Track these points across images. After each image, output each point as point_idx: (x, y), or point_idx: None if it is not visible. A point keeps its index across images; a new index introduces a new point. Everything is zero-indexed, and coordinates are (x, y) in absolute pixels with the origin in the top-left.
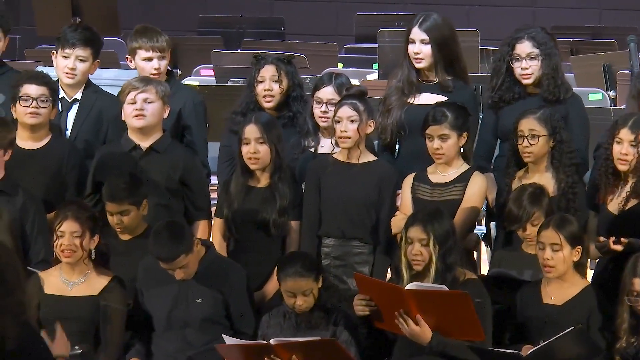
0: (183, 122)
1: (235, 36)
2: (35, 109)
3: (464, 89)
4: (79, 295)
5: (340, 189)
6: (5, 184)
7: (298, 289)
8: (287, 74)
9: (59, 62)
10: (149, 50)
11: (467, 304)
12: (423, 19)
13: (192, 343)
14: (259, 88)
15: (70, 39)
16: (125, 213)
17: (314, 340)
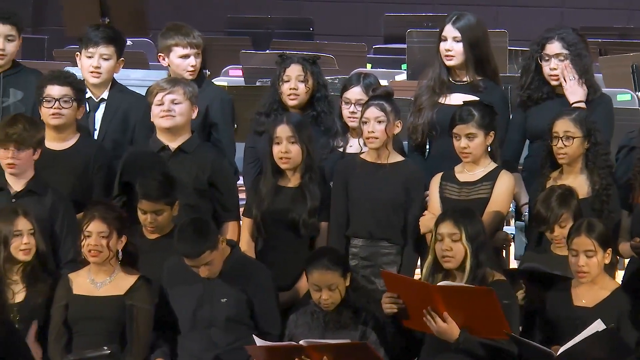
0: (210, 119)
1: (264, 37)
2: (58, 109)
3: (494, 90)
4: (106, 295)
5: (368, 189)
6: (35, 184)
7: (324, 282)
8: (313, 74)
9: (84, 62)
10: (186, 47)
11: (492, 300)
12: (457, 18)
13: (216, 343)
14: (285, 87)
15: (93, 38)
16: (159, 212)
17: (346, 342)
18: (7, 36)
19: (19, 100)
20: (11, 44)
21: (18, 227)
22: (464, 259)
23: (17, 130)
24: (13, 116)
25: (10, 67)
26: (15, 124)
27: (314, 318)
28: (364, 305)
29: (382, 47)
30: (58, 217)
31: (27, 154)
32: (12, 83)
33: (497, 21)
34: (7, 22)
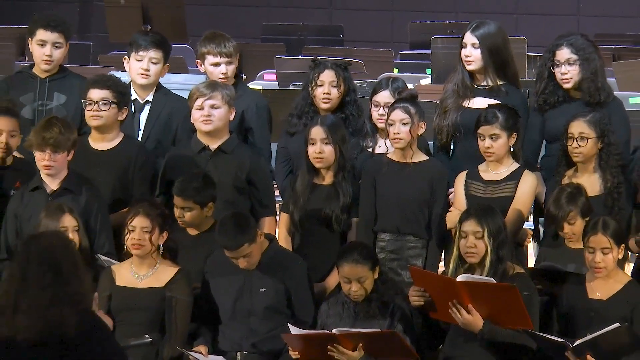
0: (246, 124)
1: (297, 43)
2: (97, 111)
3: (515, 93)
4: (147, 287)
5: (395, 187)
6: (70, 182)
7: (353, 275)
8: (345, 79)
9: (133, 65)
10: (216, 55)
11: (515, 295)
12: (476, 26)
13: (255, 331)
14: (318, 91)
15: (143, 43)
16: (187, 209)
17: (376, 331)
18: (54, 43)
19: (62, 104)
20: (58, 50)
21: (64, 223)
22: (485, 255)
23: (53, 135)
24: (48, 119)
25: (56, 72)
26: (51, 127)
27: (345, 308)
28: (391, 296)
29: (408, 52)
30: (92, 213)
31: (62, 156)
32: (57, 87)
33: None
34: (56, 30)
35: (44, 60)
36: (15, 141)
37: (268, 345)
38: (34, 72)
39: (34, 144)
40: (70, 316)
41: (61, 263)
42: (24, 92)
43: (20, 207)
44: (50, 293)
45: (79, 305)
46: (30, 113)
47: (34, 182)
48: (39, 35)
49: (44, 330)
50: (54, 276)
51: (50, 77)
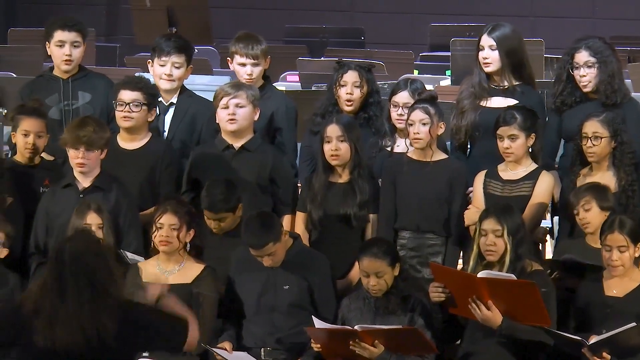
0: (275, 124)
1: (319, 45)
2: (128, 113)
3: (532, 94)
4: (174, 283)
5: (415, 185)
6: (101, 180)
7: (372, 269)
8: (368, 80)
9: (156, 69)
10: (243, 56)
11: (534, 292)
12: (492, 28)
13: (279, 327)
14: (341, 92)
15: (166, 48)
16: (222, 220)
17: (397, 328)
18: (73, 42)
19: (87, 102)
20: (77, 50)
21: (87, 220)
22: (504, 252)
23: (87, 133)
24: (82, 118)
25: (77, 71)
26: (85, 126)
27: (366, 303)
28: (411, 292)
29: (428, 54)
30: (122, 211)
31: (95, 155)
32: (80, 87)
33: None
34: (73, 30)
35: (64, 61)
36: (43, 142)
37: (291, 342)
38: (55, 74)
39: (68, 142)
40: (109, 325)
41: (96, 273)
42: (49, 94)
43: (52, 203)
44: (89, 308)
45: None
46: (57, 114)
47: (66, 180)
48: (57, 36)
49: (83, 342)
50: (91, 290)
51: (72, 77)
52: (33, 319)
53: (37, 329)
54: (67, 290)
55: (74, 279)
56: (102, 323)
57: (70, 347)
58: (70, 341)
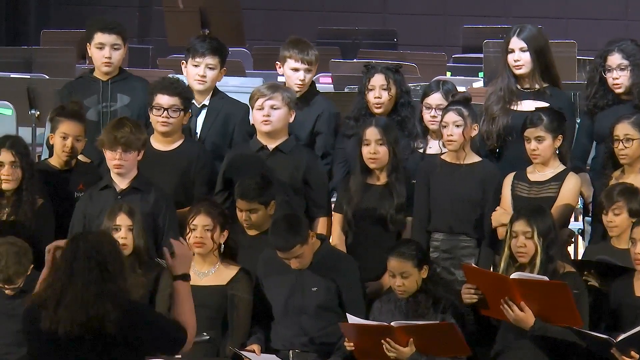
0: (317, 128)
1: (352, 47)
2: (166, 118)
3: (561, 95)
4: (208, 285)
5: (448, 187)
6: (139, 182)
7: (397, 270)
8: (396, 82)
9: (190, 70)
10: (298, 61)
11: (566, 293)
12: (520, 30)
13: (307, 329)
14: (370, 95)
15: (200, 49)
16: (253, 211)
17: (433, 323)
18: (113, 45)
19: (126, 105)
20: (117, 52)
21: (117, 221)
22: (535, 254)
23: (125, 134)
24: (119, 120)
25: (117, 74)
26: (122, 127)
27: (397, 306)
28: (442, 294)
29: (461, 56)
30: (160, 212)
31: (133, 156)
32: (119, 89)
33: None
34: (113, 32)
35: (104, 63)
36: (80, 145)
37: (320, 343)
38: (95, 75)
39: (105, 143)
40: (112, 312)
41: (107, 261)
42: (88, 96)
43: (89, 205)
44: (95, 289)
45: (122, 302)
46: (95, 115)
47: (103, 181)
48: (97, 38)
49: (85, 325)
50: (99, 273)
51: (111, 80)
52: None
53: (44, 314)
54: (76, 270)
55: (85, 260)
56: (105, 308)
57: (72, 329)
58: (73, 322)
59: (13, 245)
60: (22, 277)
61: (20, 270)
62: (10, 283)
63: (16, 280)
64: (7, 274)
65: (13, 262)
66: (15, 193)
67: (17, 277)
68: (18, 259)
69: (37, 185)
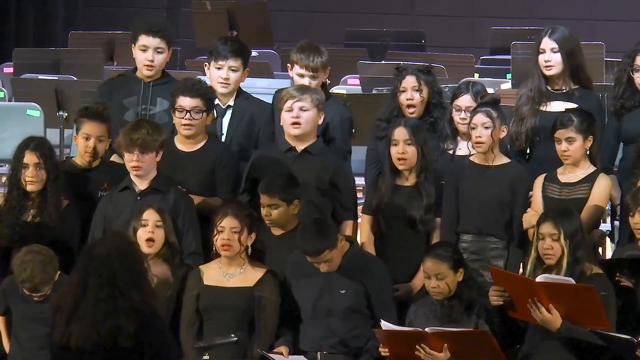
0: (329, 134)
1: (380, 48)
2: (189, 120)
3: (590, 97)
4: (235, 287)
5: (477, 189)
6: (158, 182)
7: (433, 271)
8: (427, 83)
9: (213, 72)
10: (302, 67)
11: (592, 296)
12: (552, 31)
13: (335, 331)
14: (402, 97)
15: (222, 52)
16: (274, 207)
17: (468, 330)
18: (156, 48)
19: (164, 109)
20: (160, 55)
21: (144, 217)
22: (561, 256)
23: (141, 136)
24: (137, 122)
25: (159, 77)
26: (139, 129)
27: (432, 309)
28: (476, 298)
29: (489, 58)
30: (180, 213)
31: (150, 157)
32: (160, 93)
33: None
34: (157, 36)
35: (146, 66)
36: (103, 146)
37: (348, 345)
38: (137, 75)
39: (122, 145)
40: (127, 327)
41: (117, 275)
42: (128, 95)
43: (109, 207)
44: (105, 307)
45: (135, 315)
46: (133, 117)
47: (123, 183)
48: (141, 40)
49: (97, 340)
50: (110, 290)
51: (154, 82)
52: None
53: (56, 324)
54: (88, 286)
55: (96, 276)
56: (118, 324)
57: (83, 344)
58: (83, 337)
59: (38, 254)
60: (49, 285)
61: (46, 279)
62: (37, 291)
63: (42, 289)
64: (34, 283)
65: (39, 271)
66: (40, 194)
67: (44, 286)
68: (43, 267)
69: (62, 186)
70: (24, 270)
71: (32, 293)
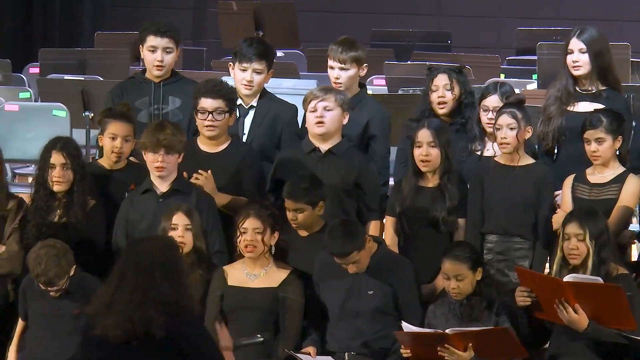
0: (369, 132)
1: (406, 49)
2: (212, 122)
3: (618, 98)
4: (259, 287)
5: (502, 189)
6: (180, 183)
7: (452, 272)
8: (459, 82)
9: (237, 74)
10: (332, 59)
11: (620, 296)
12: (581, 31)
13: (363, 332)
14: (433, 96)
15: (247, 54)
16: (300, 211)
17: (488, 329)
18: (165, 48)
19: (177, 107)
20: (169, 55)
21: (174, 221)
22: (587, 256)
23: (167, 136)
24: (161, 122)
25: (169, 76)
26: (164, 129)
27: (451, 309)
28: (496, 296)
29: (515, 58)
30: (203, 213)
31: (174, 158)
32: (171, 91)
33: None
34: (165, 36)
35: (156, 66)
36: (129, 146)
37: (375, 346)
38: (147, 77)
39: (147, 146)
40: (158, 318)
41: (154, 267)
42: (139, 97)
43: (131, 210)
44: (141, 295)
45: (169, 307)
46: (146, 117)
47: (144, 185)
48: (150, 41)
49: (131, 330)
50: (146, 280)
51: (164, 82)
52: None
53: (96, 319)
54: (125, 277)
55: (134, 269)
56: (150, 314)
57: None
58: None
59: (52, 247)
60: (64, 279)
61: (60, 273)
62: (52, 285)
63: (57, 282)
64: (48, 277)
65: (53, 265)
66: (66, 195)
67: (58, 279)
68: (57, 261)
69: (89, 186)
70: (39, 264)
71: (47, 287)
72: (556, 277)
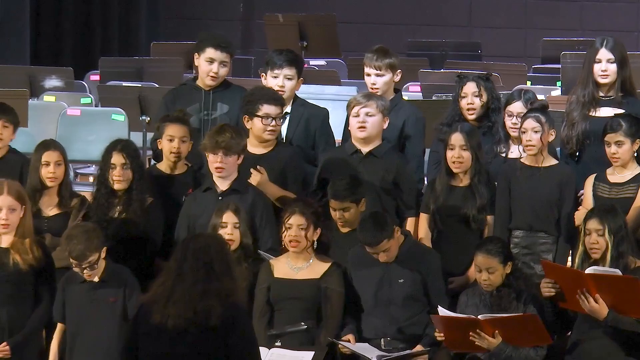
0: (405, 132)
1: (439, 58)
2: (274, 127)
3: (635, 103)
4: (303, 279)
5: (527, 189)
6: (239, 183)
7: (484, 265)
8: (486, 89)
9: (270, 81)
10: (368, 67)
11: (637, 287)
12: (607, 42)
13: (396, 318)
14: (463, 102)
15: (278, 61)
16: (346, 209)
17: (518, 315)
18: (222, 62)
19: (225, 113)
20: (224, 69)
21: (223, 219)
22: (606, 250)
23: (225, 139)
24: (221, 126)
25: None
26: (223, 132)
27: (482, 299)
28: (524, 288)
29: (540, 66)
30: (258, 211)
31: (233, 159)
32: (220, 98)
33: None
34: (225, 51)
35: (211, 77)
36: (186, 147)
37: (408, 332)
38: (198, 84)
39: (207, 147)
40: (216, 308)
41: (214, 261)
42: (190, 103)
43: (193, 206)
44: (202, 287)
45: (226, 299)
46: (197, 123)
47: (205, 184)
48: (209, 53)
49: (192, 319)
50: (206, 272)
51: (213, 90)
52: (152, 304)
53: (154, 309)
54: (185, 269)
55: (194, 261)
56: (210, 304)
57: (180, 323)
58: (181, 316)
59: (82, 227)
60: (94, 254)
61: (90, 247)
62: (83, 259)
63: (87, 255)
64: (78, 250)
65: (83, 240)
66: (126, 193)
67: (89, 252)
68: (87, 236)
69: (147, 185)
70: (70, 241)
71: (80, 262)
72: (578, 270)
